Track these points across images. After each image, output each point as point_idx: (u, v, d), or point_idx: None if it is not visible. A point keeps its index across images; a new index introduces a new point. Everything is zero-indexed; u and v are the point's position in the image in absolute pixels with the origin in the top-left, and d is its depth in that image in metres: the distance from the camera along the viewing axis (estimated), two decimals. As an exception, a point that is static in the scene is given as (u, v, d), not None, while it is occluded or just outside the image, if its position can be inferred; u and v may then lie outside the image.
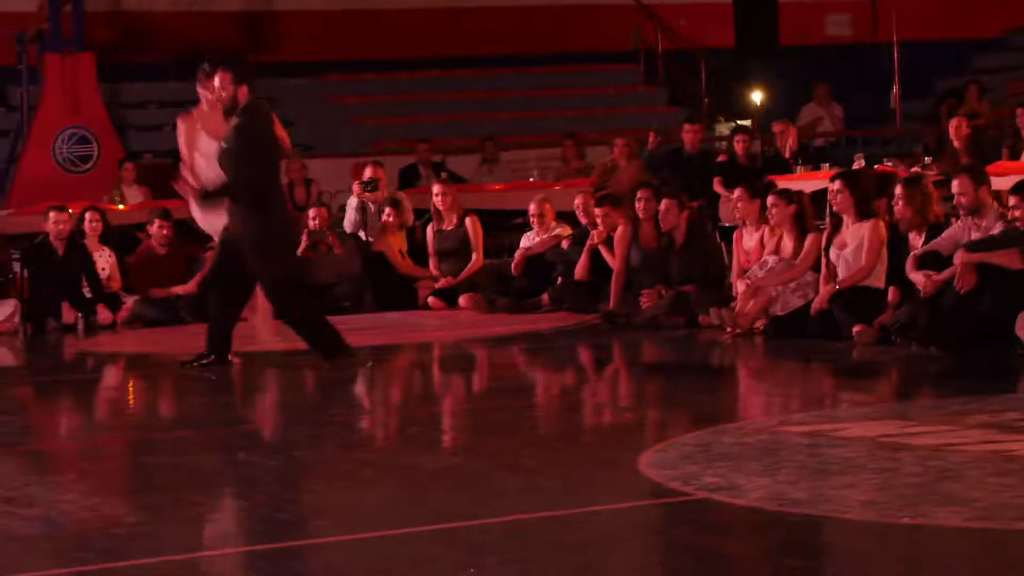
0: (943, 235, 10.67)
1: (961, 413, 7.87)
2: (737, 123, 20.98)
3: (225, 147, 10.74)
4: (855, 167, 14.33)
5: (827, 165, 15.51)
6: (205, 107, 11.49)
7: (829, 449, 7.05)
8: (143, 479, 7.39)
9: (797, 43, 23.56)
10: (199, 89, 11.51)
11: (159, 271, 15.04)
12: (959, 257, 10.18)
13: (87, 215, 15.24)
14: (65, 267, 14.72)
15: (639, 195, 13.44)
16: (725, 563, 5.41)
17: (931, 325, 10.31)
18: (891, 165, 14.74)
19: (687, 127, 17.48)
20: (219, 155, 10.82)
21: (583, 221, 14.39)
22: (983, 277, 10.06)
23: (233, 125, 10.71)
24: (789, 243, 11.97)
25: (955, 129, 15.89)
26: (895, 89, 19.60)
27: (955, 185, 10.74)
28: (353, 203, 16.29)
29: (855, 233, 11.26)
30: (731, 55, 23.26)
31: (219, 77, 10.74)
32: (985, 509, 5.75)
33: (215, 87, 10.79)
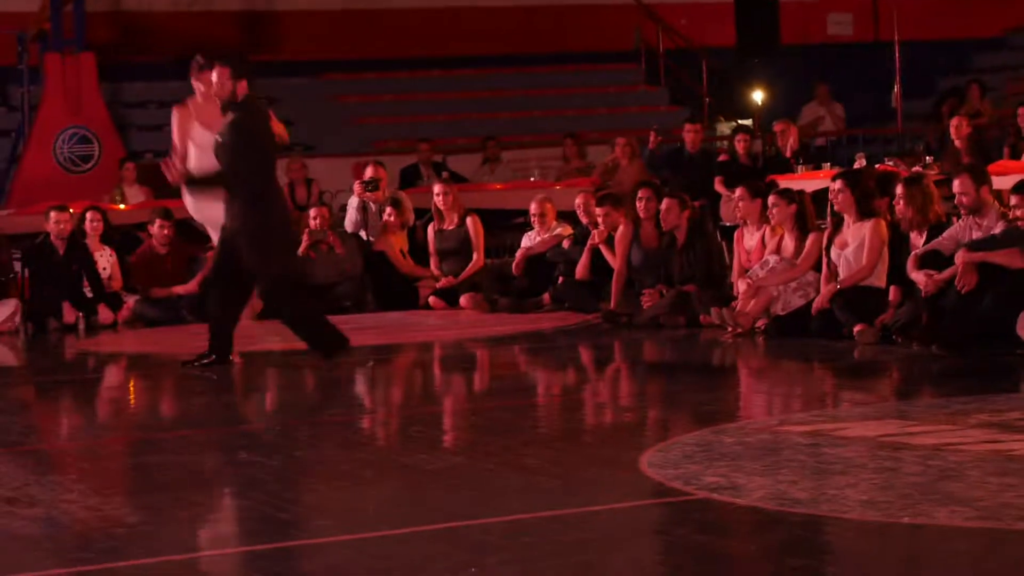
0: (944, 234, 10.67)
1: (962, 413, 7.86)
2: (738, 123, 20.98)
3: (220, 141, 10.76)
4: (856, 166, 14.33)
5: (828, 165, 15.52)
6: (200, 99, 11.51)
7: (830, 449, 7.04)
8: (144, 479, 7.39)
9: (798, 42, 23.56)
10: (193, 81, 11.54)
11: (160, 271, 15.04)
12: (960, 257, 10.17)
13: (88, 215, 15.25)
14: (66, 267, 14.73)
15: (640, 195, 13.44)
16: (726, 563, 5.41)
17: (932, 324, 10.31)
18: (892, 164, 14.73)
19: (688, 127, 17.47)
20: (215, 148, 10.84)
21: (584, 221, 14.38)
22: (984, 277, 10.06)
23: (229, 120, 10.72)
24: (790, 243, 11.97)
25: (956, 128, 15.89)
26: (896, 88, 19.58)
27: (956, 184, 10.73)
28: (354, 203, 16.29)
29: (856, 233, 11.26)
30: (732, 54, 23.25)
31: (217, 73, 10.75)
32: (986, 509, 5.74)
33: (213, 82, 10.81)
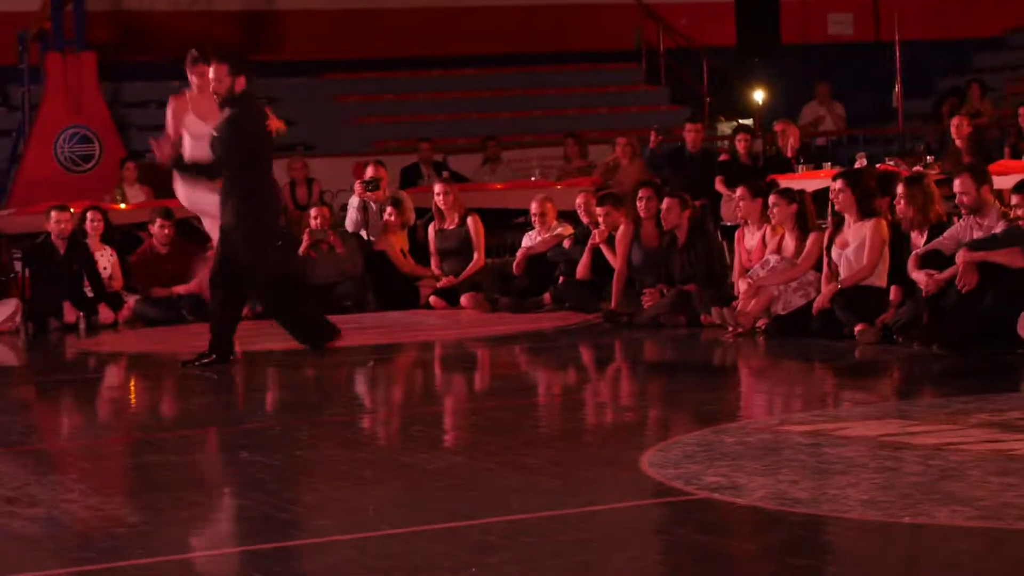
0: (945, 234, 10.66)
1: (963, 412, 7.86)
2: (739, 122, 20.97)
3: (216, 136, 10.79)
4: (857, 166, 14.32)
5: (829, 164, 15.50)
6: (195, 91, 11.53)
7: (831, 448, 7.04)
8: (144, 479, 7.39)
9: (799, 42, 23.54)
10: (188, 74, 11.55)
11: (160, 270, 15.04)
12: (961, 256, 10.17)
13: (88, 214, 15.25)
14: (67, 266, 14.73)
15: (641, 194, 13.43)
16: (726, 562, 5.40)
17: (933, 324, 10.31)
18: (893, 164, 14.72)
19: (689, 126, 17.46)
20: (211, 142, 10.87)
21: (584, 220, 14.38)
22: (985, 276, 10.05)
23: (225, 116, 10.76)
24: (791, 242, 11.97)
25: (956, 128, 15.89)
26: (897, 88, 19.57)
27: (957, 184, 10.73)
28: (355, 202, 16.28)
29: (857, 232, 11.26)
30: (733, 54, 23.24)
31: (215, 69, 10.79)
32: (987, 508, 5.74)
33: (211, 79, 10.84)
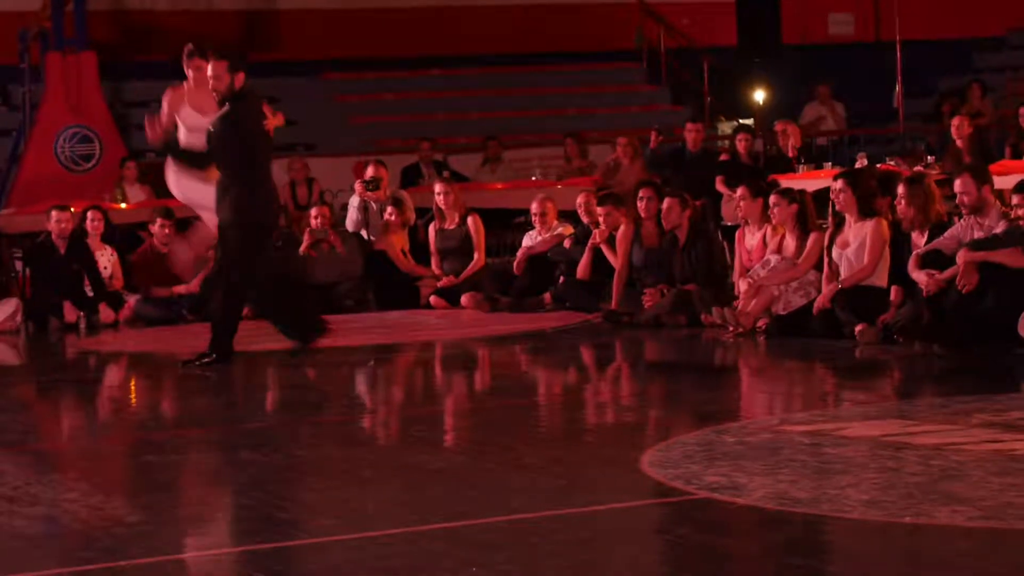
0: (945, 234, 10.65)
1: (963, 412, 7.85)
2: (739, 122, 20.96)
3: (213, 131, 10.82)
4: (857, 166, 14.32)
5: (829, 164, 15.50)
6: (192, 84, 11.54)
7: (831, 448, 7.04)
8: (145, 478, 7.39)
9: (799, 42, 23.54)
10: (185, 68, 11.57)
11: (161, 270, 15.03)
12: (961, 256, 10.16)
13: (89, 214, 15.26)
14: (67, 266, 14.73)
15: (641, 194, 13.42)
16: (727, 562, 5.40)
17: (933, 324, 10.30)
18: (893, 164, 14.72)
19: (689, 126, 17.45)
20: (208, 138, 10.89)
21: (585, 220, 14.37)
22: (985, 276, 10.05)
23: (223, 112, 10.79)
24: (791, 242, 11.96)
25: (957, 128, 15.88)
26: (898, 88, 19.57)
27: (957, 184, 10.72)
28: (355, 202, 16.28)
29: (857, 232, 11.25)
30: (733, 54, 23.24)
31: (214, 66, 10.83)
32: (988, 508, 5.74)
33: (209, 75, 10.86)
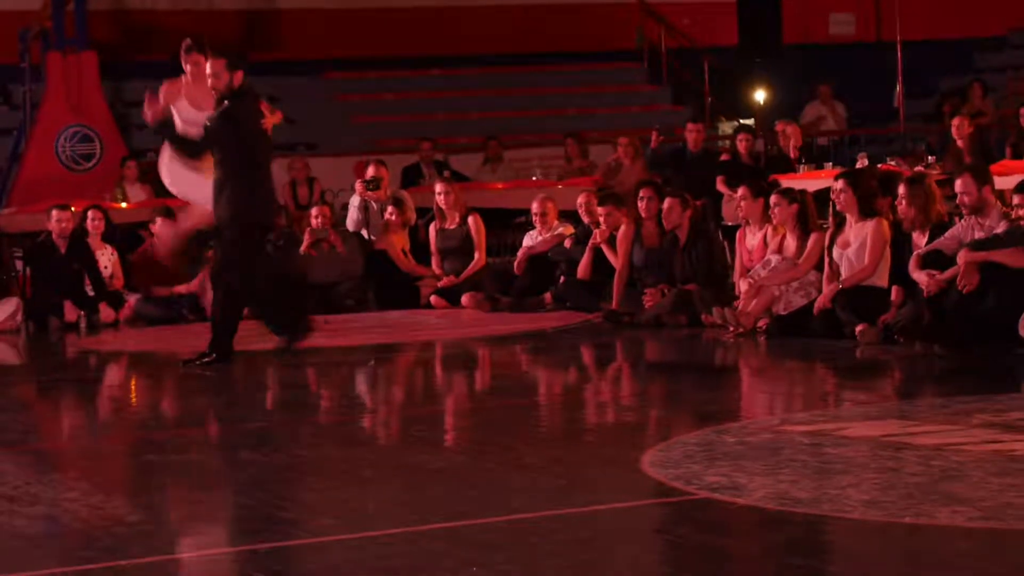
0: (946, 234, 10.65)
1: (964, 413, 7.85)
2: (740, 122, 20.95)
3: (210, 126, 10.84)
4: (858, 166, 14.32)
5: (830, 164, 15.50)
6: (189, 78, 11.56)
7: (831, 448, 7.04)
8: (145, 477, 7.39)
9: (800, 42, 23.54)
10: (183, 63, 11.60)
11: (161, 269, 15.04)
12: (962, 256, 10.16)
13: (89, 213, 15.26)
14: (67, 265, 14.73)
15: (642, 194, 13.42)
16: (727, 562, 5.40)
17: (934, 324, 10.29)
18: (894, 164, 14.71)
19: (690, 126, 17.45)
20: (204, 131, 10.91)
21: (586, 220, 14.37)
22: (986, 276, 10.04)
23: (222, 108, 10.82)
24: (792, 242, 11.96)
25: (958, 128, 15.88)
26: (898, 88, 19.56)
27: (958, 184, 10.71)
28: (356, 202, 16.28)
29: (858, 232, 11.25)
30: (734, 54, 23.24)
31: (213, 64, 10.86)
32: (988, 509, 5.74)
33: (209, 74, 10.88)
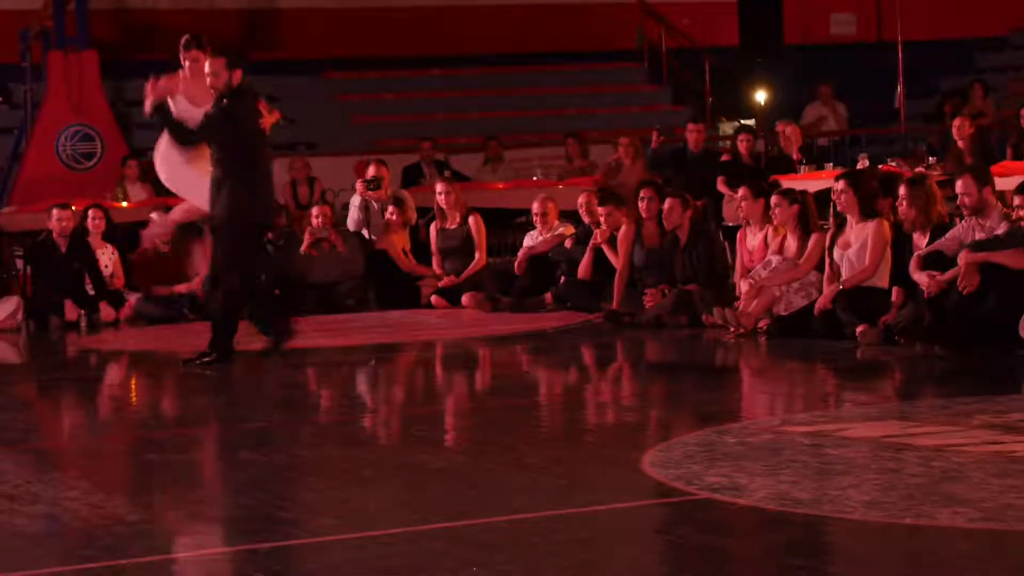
0: (947, 235, 10.65)
1: (964, 414, 7.85)
2: (741, 122, 20.95)
3: (207, 119, 10.86)
4: (859, 167, 14.31)
5: (831, 165, 15.50)
6: (187, 74, 11.57)
7: (832, 449, 7.04)
8: (146, 477, 7.39)
9: (801, 42, 23.52)
10: (181, 59, 11.62)
11: (161, 269, 15.03)
12: (963, 257, 10.16)
13: (90, 212, 15.26)
14: (68, 264, 14.73)
15: (642, 194, 13.42)
16: (728, 563, 5.40)
17: (935, 325, 10.29)
18: (895, 165, 14.71)
19: (691, 126, 17.45)
20: (201, 122, 10.93)
21: (586, 220, 14.37)
22: (987, 277, 10.04)
23: (220, 104, 10.84)
24: (793, 243, 11.96)
25: (958, 129, 15.86)
26: (899, 88, 19.55)
27: (958, 185, 10.71)
28: (356, 201, 16.28)
29: (859, 233, 11.25)
30: (735, 54, 23.23)
31: (212, 63, 10.91)
32: (988, 510, 5.74)
33: (208, 72, 10.90)
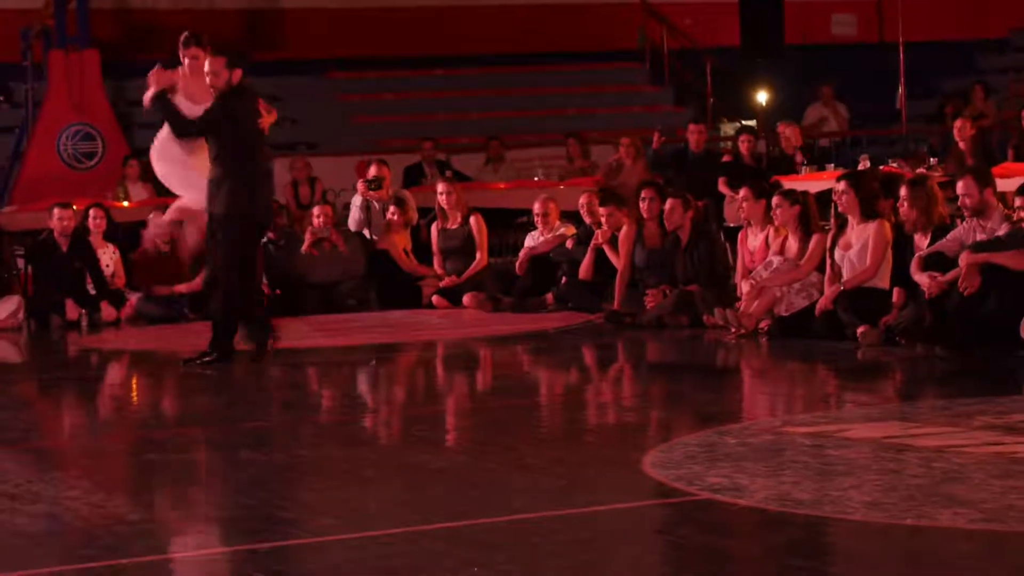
0: (948, 236, 10.65)
1: (965, 414, 7.85)
2: (742, 123, 20.96)
3: (205, 115, 10.88)
4: (860, 168, 14.31)
5: (832, 166, 15.50)
6: (186, 71, 11.58)
7: (833, 450, 7.03)
8: (146, 476, 7.39)
9: (802, 43, 23.53)
10: (180, 56, 11.62)
11: (162, 268, 15.04)
12: (964, 258, 10.16)
13: (91, 212, 15.27)
14: (69, 264, 14.74)
15: (643, 195, 13.42)
16: (728, 563, 5.40)
17: (935, 326, 10.29)
18: (896, 166, 14.71)
19: (692, 127, 17.45)
20: (200, 119, 10.95)
21: (587, 220, 14.37)
22: (988, 278, 10.04)
23: (220, 102, 10.86)
24: (794, 243, 11.96)
25: (960, 130, 15.86)
26: (901, 89, 19.56)
27: (960, 186, 10.71)
28: (357, 201, 16.28)
29: (860, 234, 11.25)
30: (736, 55, 23.24)
31: (212, 62, 10.92)
32: (990, 511, 5.73)
33: (207, 72, 10.91)
